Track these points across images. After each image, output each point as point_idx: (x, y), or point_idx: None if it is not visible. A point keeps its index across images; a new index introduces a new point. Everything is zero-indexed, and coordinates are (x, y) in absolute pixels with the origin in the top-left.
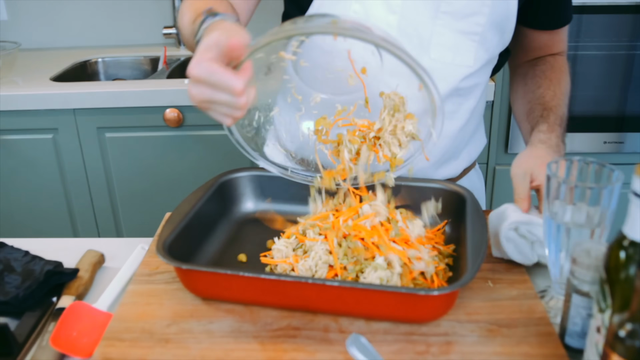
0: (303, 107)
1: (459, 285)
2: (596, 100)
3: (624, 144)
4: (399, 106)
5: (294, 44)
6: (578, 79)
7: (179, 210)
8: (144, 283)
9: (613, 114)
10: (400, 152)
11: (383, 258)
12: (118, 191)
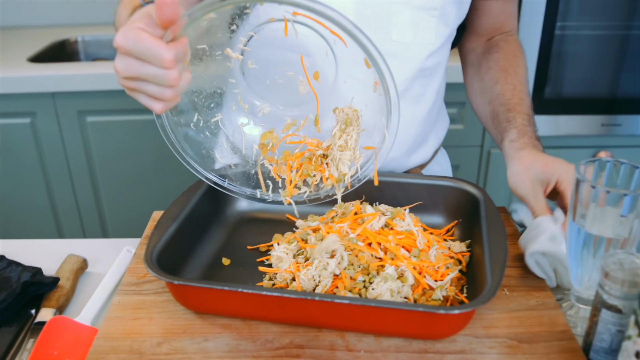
0: (249, 119)
1: (481, 303)
2: (592, 82)
3: (621, 127)
4: (352, 120)
5: (242, 39)
6: (574, 60)
7: (168, 214)
8: (131, 294)
9: (609, 96)
10: (351, 170)
11: (393, 267)
12: (101, 179)
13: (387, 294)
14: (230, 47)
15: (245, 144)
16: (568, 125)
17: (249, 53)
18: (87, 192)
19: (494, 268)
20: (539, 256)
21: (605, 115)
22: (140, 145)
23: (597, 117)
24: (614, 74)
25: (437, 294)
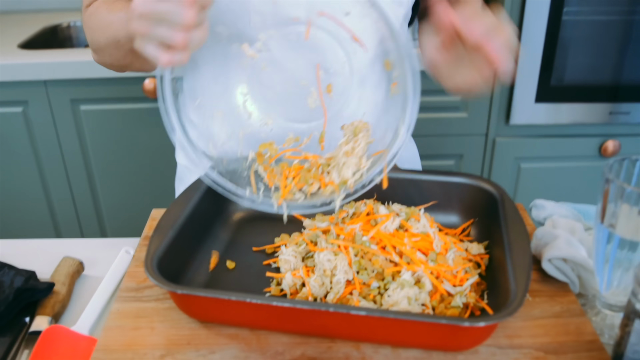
0: (249, 125)
1: (508, 315)
2: (599, 69)
3: (629, 115)
4: (361, 129)
5: (261, 36)
6: (580, 47)
7: (168, 215)
8: (130, 300)
9: (617, 83)
10: (355, 176)
11: (410, 273)
12: (97, 171)
13: (405, 302)
14: (247, 40)
15: (242, 148)
16: (574, 113)
17: (263, 54)
18: (82, 184)
19: (518, 274)
20: (559, 262)
21: (612, 103)
22: (137, 136)
23: (605, 105)
24: (621, 61)
25: (457, 301)
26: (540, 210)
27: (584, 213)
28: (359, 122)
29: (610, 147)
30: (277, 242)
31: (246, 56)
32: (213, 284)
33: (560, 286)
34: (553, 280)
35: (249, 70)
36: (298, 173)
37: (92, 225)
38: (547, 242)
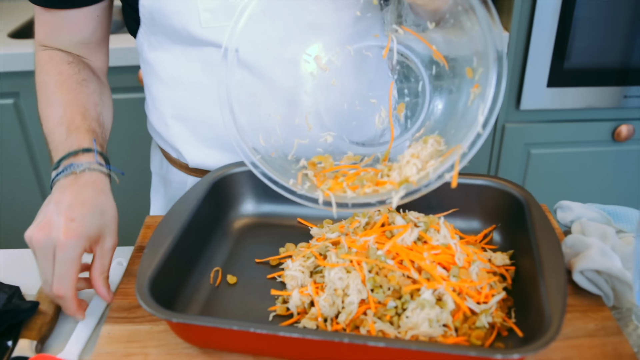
0: (307, 137)
1: (544, 345)
2: (614, 52)
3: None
4: (428, 139)
5: (337, 50)
6: (595, 28)
7: (163, 227)
8: (122, 322)
9: (632, 65)
10: (420, 174)
11: (431, 291)
12: None
13: (425, 324)
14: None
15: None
16: (587, 97)
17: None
18: None
19: (552, 294)
20: (592, 274)
21: (626, 86)
22: (133, 128)
23: (618, 88)
24: (634, 42)
25: (482, 321)
26: (567, 212)
27: (613, 215)
28: (432, 136)
29: (624, 131)
30: (282, 253)
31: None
32: (213, 301)
33: (594, 299)
34: (585, 293)
35: (316, 82)
36: (352, 176)
37: None
38: (578, 251)
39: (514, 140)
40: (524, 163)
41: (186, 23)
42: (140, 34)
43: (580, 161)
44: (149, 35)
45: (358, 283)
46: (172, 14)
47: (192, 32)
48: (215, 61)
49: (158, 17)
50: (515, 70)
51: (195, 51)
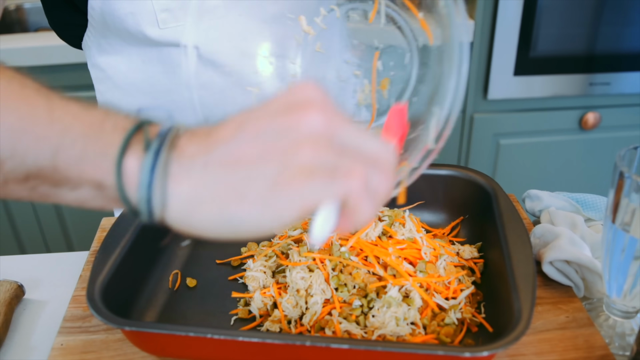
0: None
1: (514, 340)
2: (579, 39)
3: (610, 85)
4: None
5: (322, 11)
6: (559, 16)
7: (115, 228)
8: (76, 332)
9: (596, 52)
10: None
11: (397, 288)
12: None
13: (392, 323)
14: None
15: None
16: (554, 85)
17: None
18: None
19: (521, 287)
20: (561, 264)
21: (592, 73)
22: None
23: (584, 76)
24: (597, 29)
25: (451, 317)
26: (535, 201)
27: (582, 203)
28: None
29: (591, 119)
30: (243, 252)
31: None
32: (172, 306)
33: (564, 291)
34: (555, 284)
35: (301, 48)
36: None
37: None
38: (547, 241)
39: (482, 130)
40: (494, 153)
41: (142, 25)
42: (88, 37)
43: (549, 150)
44: (98, 38)
45: (321, 282)
46: (126, 16)
47: (150, 34)
48: (177, 62)
49: (110, 20)
50: (481, 59)
51: (154, 52)
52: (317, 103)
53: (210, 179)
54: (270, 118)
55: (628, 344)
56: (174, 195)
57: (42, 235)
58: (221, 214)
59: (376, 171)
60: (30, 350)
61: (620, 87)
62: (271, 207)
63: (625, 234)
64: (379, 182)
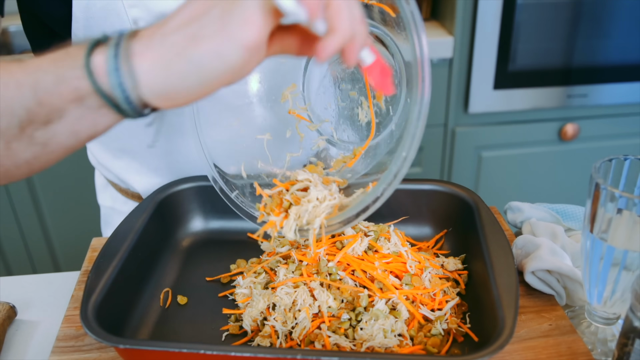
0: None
1: (499, 348)
2: (556, 52)
3: (587, 97)
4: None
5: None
6: (537, 30)
7: (107, 249)
8: (69, 352)
9: (573, 65)
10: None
11: (384, 301)
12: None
13: (380, 335)
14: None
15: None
16: (532, 98)
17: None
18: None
19: (504, 297)
20: (543, 273)
21: (569, 86)
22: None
23: (562, 88)
24: (574, 43)
25: (437, 328)
26: (516, 213)
27: (561, 213)
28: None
29: (570, 130)
30: (233, 270)
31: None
32: (164, 324)
33: (547, 299)
34: (538, 294)
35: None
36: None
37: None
38: (528, 251)
39: (464, 144)
40: (476, 166)
41: None
42: None
43: (530, 161)
44: None
45: (306, 298)
46: None
47: None
48: None
49: None
50: (461, 73)
51: None
52: None
53: (169, 42)
54: None
55: (610, 349)
56: (141, 69)
57: (28, 255)
58: (188, 64)
59: None
60: None
61: (597, 99)
62: (228, 32)
63: (603, 242)
64: None
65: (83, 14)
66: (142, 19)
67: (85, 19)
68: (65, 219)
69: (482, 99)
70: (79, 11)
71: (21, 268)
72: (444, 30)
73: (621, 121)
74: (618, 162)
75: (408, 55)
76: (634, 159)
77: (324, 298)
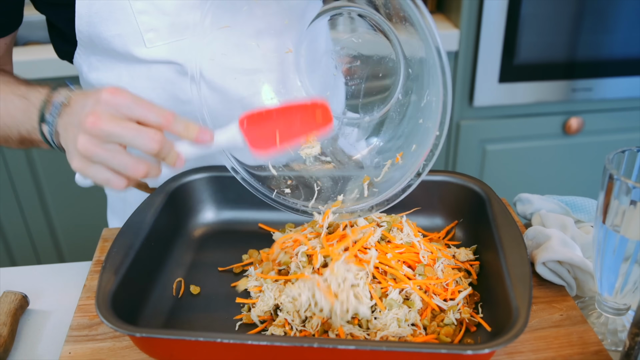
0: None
1: (514, 337)
2: (561, 46)
3: (592, 91)
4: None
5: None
6: (543, 23)
7: (121, 239)
8: (83, 340)
9: (578, 59)
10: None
11: (397, 291)
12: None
13: (394, 325)
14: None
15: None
16: (537, 92)
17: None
18: (32, 200)
19: (517, 287)
20: (554, 264)
21: (574, 80)
22: None
23: (567, 82)
24: (579, 36)
25: (450, 317)
26: (526, 204)
27: (571, 205)
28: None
29: (574, 124)
30: (244, 260)
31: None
32: (177, 313)
33: (557, 290)
34: (548, 284)
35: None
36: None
37: (47, 248)
38: (539, 242)
39: (469, 137)
40: (480, 159)
41: (129, 45)
42: (78, 55)
43: (534, 155)
44: (88, 55)
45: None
46: (113, 37)
47: (137, 53)
48: (164, 78)
49: (98, 42)
50: (466, 67)
51: (142, 69)
52: (109, 90)
53: (64, 139)
54: (79, 109)
55: (620, 340)
56: (61, 143)
57: (32, 246)
58: (70, 160)
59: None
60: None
61: (602, 93)
62: (76, 164)
63: (616, 234)
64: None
65: (86, 10)
66: (148, 13)
67: (88, 15)
68: (69, 209)
69: (487, 93)
70: (82, 7)
71: (25, 258)
72: (450, 23)
73: (625, 115)
74: (631, 153)
75: (413, 49)
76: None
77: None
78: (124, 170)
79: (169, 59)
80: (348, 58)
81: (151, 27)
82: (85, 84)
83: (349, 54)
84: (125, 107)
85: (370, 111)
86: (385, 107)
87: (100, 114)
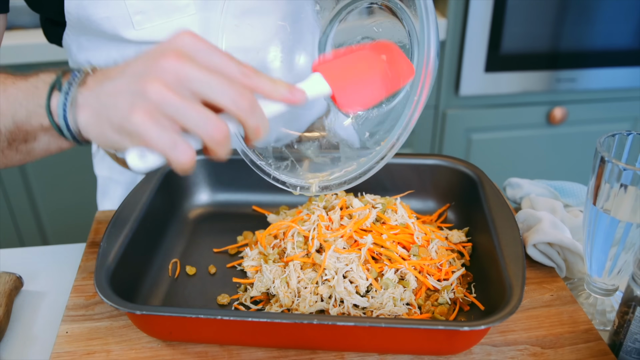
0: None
1: (509, 314)
2: (546, 36)
3: (576, 81)
4: None
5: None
6: (529, 13)
7: (117, 220)
8: (80, 320)
9: (563, 49)
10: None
11: (393, 271)
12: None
13: (390, 303)
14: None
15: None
16: (522, 82)
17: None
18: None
19: (510, 266)
20: (544, 246)
21: (558, 70)
22: None
23: (551, 72)
24: (564, 27)
25: (444, 297)
26: (516, 189)
27: (559, 190)
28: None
29: (558, 114)
30: (239, 241)
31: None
32: (174, 294)
33: (547, 272)
34: (539, 266)
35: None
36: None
37: (30, 231)
38: (530, 225)
39: (454, 126)
40: (466, 148)
41: (118, 28)
42: (67, 36)
43: (518, 144)
44: (77, 36)
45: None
46: (101, 20)
47: (126, 35)
48: None
49: (87, 23)
50: (453, 56)
51: (131, 49)
52: (177, 51)
53: (98, 109)
54: (142, 62)
55: (608, 320)
56: (81, 120)
57: (16, 229)
58: (103, 136)
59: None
60: (32, 339)
61: (585, 83)
62: (125, 135)
63: (607, 215)
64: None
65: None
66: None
67: (86, 15)
68: (53, 192)
69: (473, 82)
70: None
71: (8, 241)
72: (437, 12)
73: (608, 106)
74: (621, 137)
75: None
76: (637, 135)
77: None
78: (203, 127)
79: (157, 41)
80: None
81: (139, 9)
82: (75, 64)
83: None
84: (205, 52)
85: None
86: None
87: (181, 56)
